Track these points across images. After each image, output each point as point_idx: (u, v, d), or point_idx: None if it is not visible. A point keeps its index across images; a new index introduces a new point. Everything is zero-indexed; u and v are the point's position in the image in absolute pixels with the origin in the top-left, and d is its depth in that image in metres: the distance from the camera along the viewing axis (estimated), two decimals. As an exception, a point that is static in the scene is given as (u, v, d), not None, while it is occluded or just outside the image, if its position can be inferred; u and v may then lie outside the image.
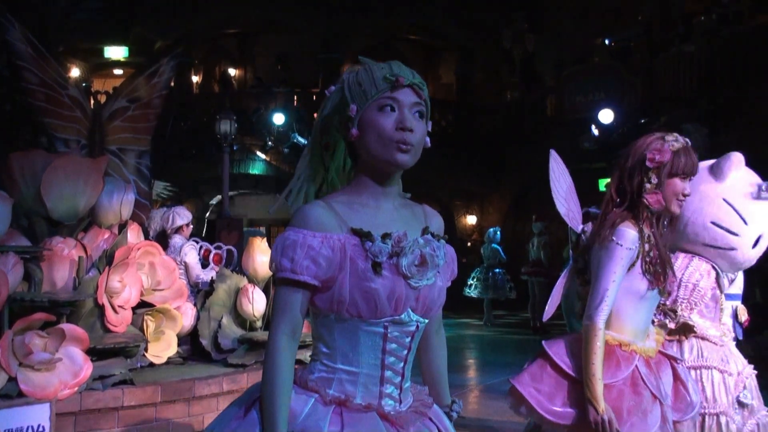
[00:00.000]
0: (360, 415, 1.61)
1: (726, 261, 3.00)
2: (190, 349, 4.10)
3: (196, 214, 15.95)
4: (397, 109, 1.64)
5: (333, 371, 1.64)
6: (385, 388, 1.66)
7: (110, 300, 3.57)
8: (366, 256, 1.60)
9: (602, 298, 2.38)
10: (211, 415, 3.54)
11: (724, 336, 3.01)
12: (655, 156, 2.45)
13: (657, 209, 2.46)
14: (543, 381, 2.48)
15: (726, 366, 2.91)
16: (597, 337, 2.35)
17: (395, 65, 1.67)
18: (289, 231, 1.61)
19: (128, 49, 19.03)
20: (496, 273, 12.61)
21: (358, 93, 1.65)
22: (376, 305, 1.60)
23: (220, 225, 10.04)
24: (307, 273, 1.57)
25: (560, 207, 2.95)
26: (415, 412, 1.70)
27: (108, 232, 3.97)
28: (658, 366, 2.54)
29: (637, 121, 11.11)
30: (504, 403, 2.68)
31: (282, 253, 1.59)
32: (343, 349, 1.64)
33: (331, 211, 1.62)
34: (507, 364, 8.60)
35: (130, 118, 5.02)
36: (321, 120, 1.75)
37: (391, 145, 1.62)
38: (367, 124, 1.64)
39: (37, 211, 3.73)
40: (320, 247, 1.58)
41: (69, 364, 3.07)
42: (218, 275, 4.34)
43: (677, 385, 2.56)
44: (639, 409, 2.38)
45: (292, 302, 1.61)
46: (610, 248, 2.41)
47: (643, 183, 2.46)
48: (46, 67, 4.61)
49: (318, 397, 1.62)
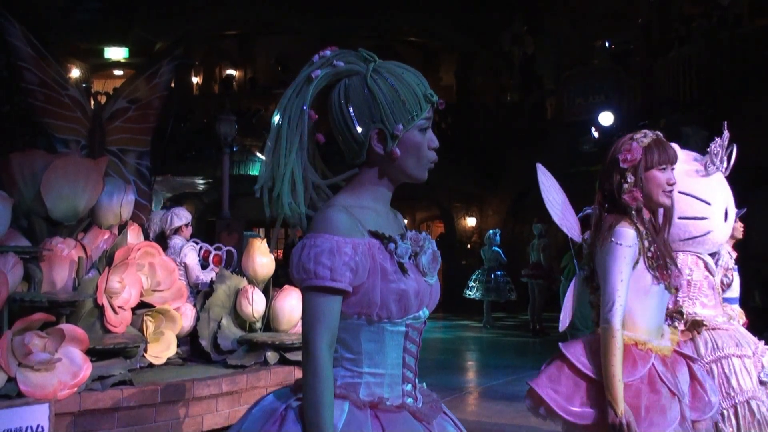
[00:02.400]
0: (395, 416, 1.62)
1: (707, 245, 3.07)
2: (190, 350, 4.10)
3: (196, 215, 15.96)
4: (428, 127, 1.67)
5: (359, 375, 1.64)
6: (405, 386, 1.68)
7: (110, 300, 3.57)
8: (390, 258, 1.62)
9: (614, 300, 2.41)
10: (211, 416, 3.54)
11: (731, 319, 3.05)
12: (626, 156, 2.51)
13: (635, 206, 2.51)
14: (561, 382, 2.50)
15: (742, 349, 2.95)
16: (615, 339, 2.37)
17: (422, 77, 1.67)
18: (319, 238, 1.57)
19: (128, 49, 19.03)
20: (497, 275, 12.62)
21: (401, 111, 1.63)
22: (406, 305, 1.62)
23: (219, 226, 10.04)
24: (346, 280, 1.56)
25: (557, 219, 2.97)
26: (431, 408, 1.72)
27: (108, 233, 3.97)
28: (675, 365, 2.56)
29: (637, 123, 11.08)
30: (503, 405, 2.69)
31: (317, 260, 1.55)
32: (370, 352, 1.63)
33: (351, 216, 1.61)
34: (506, 366, 8.60)
35: (130, 119, 5.01)
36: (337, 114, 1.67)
37: (425, 165, 1.67)
38: (409, 145, 1.64)
39: (36, 212, 3.73)
40: (354, 254, 1.57)
41: (68, 364, 3.06)
42: (218, 276, 4.34)
43: (694, 384, 2.58)
44: (658, 406, 2.40)
45: (331, 311, 1.58)
46: (611, 250, 2.45)
47: (621, 183, 2.51)
48: (46, 67, 4.61)
49: (350, 402, 1.61)
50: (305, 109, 1.64)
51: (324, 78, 1.65)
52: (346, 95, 1.65)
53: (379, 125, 1.63)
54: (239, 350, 3.96)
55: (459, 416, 1.91)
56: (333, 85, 1.68)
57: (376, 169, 1.68)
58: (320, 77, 1.65)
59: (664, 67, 12.54)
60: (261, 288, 4.19)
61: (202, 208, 16.72)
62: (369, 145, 1.65)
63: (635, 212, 2.52)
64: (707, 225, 3.00)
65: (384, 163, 1.66)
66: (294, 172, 1.63)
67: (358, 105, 1.64)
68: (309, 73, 1.65)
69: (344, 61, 1.66)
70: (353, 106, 1.64)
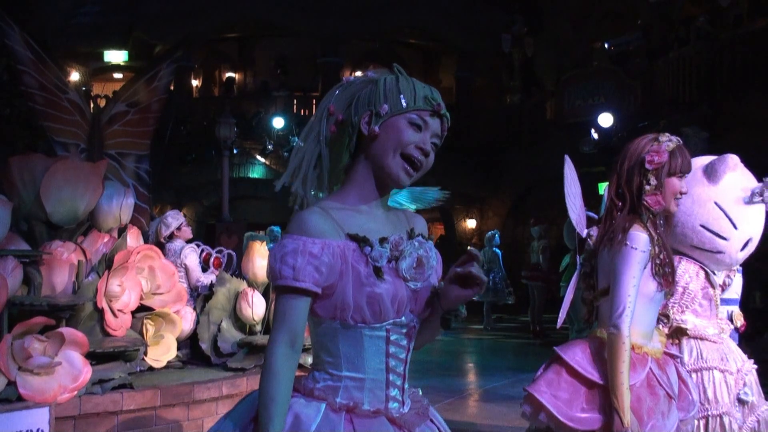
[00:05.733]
0: (370, 421, 1.63)
1: (712, 262, 3.01)
2: (190, 353, 4.10)
3: (196, 218, 15.97)
4: (423, 131, 1.67)
5: (338, 379, 1.65)
6: (390, 391, 1.68)
7: (110, 304, 3.57)
8: (366, 262, 1.62)
9: (625, 305, 2.36)
10: (211, 419, 3.54)
11: (723, 332, 3.01)
12: (654, 158, 2.46)
13: (657, 210, 2.47)
14: (560, 387, 2.47)
15: (726, 365, 2.91)
16: (624, 345, 2.33)
17: (435, 91, 1.71)
18: (288, 238, 1.60)
19: (128, 53, 19.06)
20: (496, 277, 12.62)
21: (395, 98, 1.67)
22: (380, 309, 1.61)
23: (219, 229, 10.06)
24: (310, 280, 1.57)
25: (572, 213, 2.96)
26: (417, 414, 1.72)
27: (107, 236, 3.97)
28: (665, 366, 2.56)
29: (637, 125, 11.11)
30: (504, 407, 2.69)
31: (282, 260, 1.58)
32: (348, 356, 1.64)
33: (328, 218, 1.62)
34: (506, 368, 8.59)
35: (129, 122, 5.01)
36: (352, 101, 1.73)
37: (400, 159, 1.66)
38: (391, 129, 1.66)
39: (36, 215, 3.73)
40: (321, 254, 1.58)
41: (68, 367, 3.06)
42: (218, 279, 4.34)
43: (680, 384, 2.58)
44: (658, 410, 2.39)
45: (293, 310, 1.60)
46: (625, 253, 2.39)
47: (643, 185, 2.47)
48: (46, 71, 4.61)
49: (327, 404, 1.62)
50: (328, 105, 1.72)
51: (354, 83, 1.74)
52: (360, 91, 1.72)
53: (371, 108, 1.68)
54: (239, 353, 3.96)
55: (459, 419, 1.91)
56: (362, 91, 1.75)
57: (362, 161, 1.70)
58: (350, 81, 1.75)
59: (664, 68, 12.55)
60: (261, 291, 4.20)
61: (202, 210, 16.73)
62: (359, 132, 1.69)
63: (651, 216, 2.48)
64: (723, 245, 2.95)
65: (367, 149, 1.68)
66: (305, 157, 1.71)
67: (362, 97, 1.71)
68: (343, 78, 1.78)
69: (377, 72, 1.75)
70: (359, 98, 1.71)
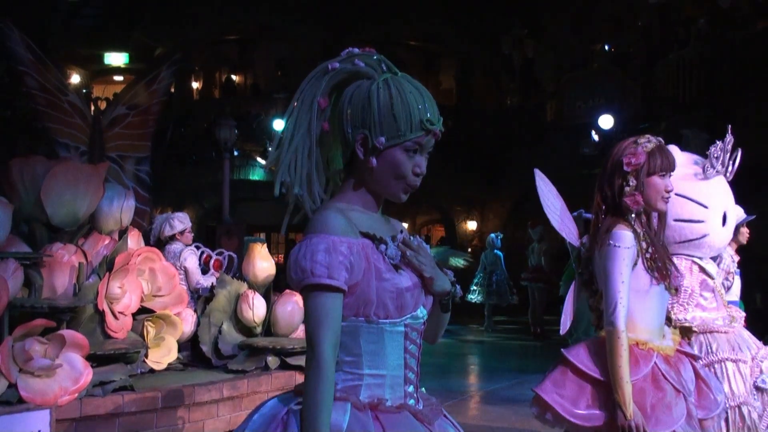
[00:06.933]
0: (395, 416, 1.63)
1: (704, 249, 3.02)
2: (191, 355, 4.10)
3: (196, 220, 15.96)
4: (419, 153, 1.67)
5: (359, 377, 1.64)
6: (407, 387, 1.69)
7: (110, 306, 3.57)
8: (383, 259, 1.64)
9: (616, 302, 2.42)
10: (212, 421, 3.53)
11: (733, 321, 3.00)
12: (631, 159, 2.52)
13: (636, 209, 2.53)
14: (565, 386, 2.52)
15: (738, 354, 2.91)
16: (621, 340, 2.39)
17: (429, 103, 1.67)
18: (315, 237, 1.58)
19: (128, 55, 19.07)
20: (498, 279, 12.62)
21: (391, 127, 1.63)
22: (402, 303, 1.63)
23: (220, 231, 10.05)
24: (341, 278, 1.57)
25: (555, 223, 2.97)
26: (432, 410, 1.72)
27: (108, 239, 3.97)
28: (678, 363, 2.57)
29: (637, 126, 11.11)
30: (505, 409, 2.69)
31: (313, 259, 1.56)
32: (370, 353, 1.64)
33: (345, 217, 1.63)
34: (508, 370, 8.60)
35: (129, 125, 5.02)
36: None
37: (401, 185, 1.67)
38: (388, 161, 1.65)
39: (37, 217, 3.73)
40: (348, 253, 1.58)
41: (69, 370, 3.06)
42: (218, 281, 4.33)
43: (699, 383, 2.59)
44: (663, 403, 2.42)
45: (333, 309, 1.58)
46: (610, 252, 2.46)
47: (623, 186, 2.53)
48: (47, 72, 4.63)
49: (351, 404, 1.61)
50: (317, 98, 1.67)
51: (341, 72, 1.69)
52: (351, 95, 1.68)
53: (366, 131, 1.64)
54: (240, 355, 3.95)
55: (461, 420, 1.91)
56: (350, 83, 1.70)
57: (359, 175, 1.70)
58: (337, 70, 1.68)
59: (664, 69, 12.55)
60: (261, 293, 4.19)
61: (203, 213, 16.73)
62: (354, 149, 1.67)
63: (634, 215, 2.54)
64: (703, 228, 2.97)
65: (364, 170, 1.68)
66: (297, 151, 1.67)
67: (355, 106, 1.66)
68: (327, 64, 1.69)
69: (365, 63, 1.69)
70: (351, 106, 1.67)
